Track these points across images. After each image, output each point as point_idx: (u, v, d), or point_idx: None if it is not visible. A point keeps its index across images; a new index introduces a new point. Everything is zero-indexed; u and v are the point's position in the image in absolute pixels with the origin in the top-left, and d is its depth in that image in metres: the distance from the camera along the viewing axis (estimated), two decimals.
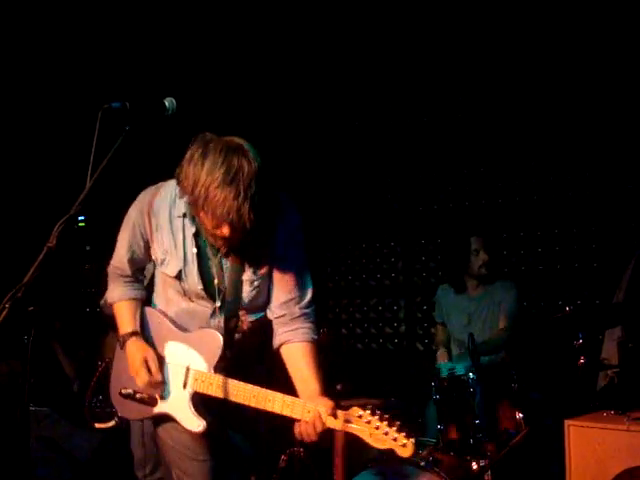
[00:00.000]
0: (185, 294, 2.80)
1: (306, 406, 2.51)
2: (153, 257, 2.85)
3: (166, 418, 2.81)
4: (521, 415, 3.87)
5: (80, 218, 2.32)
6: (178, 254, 2.75)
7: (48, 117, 6.36)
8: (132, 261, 2.91)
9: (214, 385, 2.67)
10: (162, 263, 2.80)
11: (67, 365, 5.70)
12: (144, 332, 2.89)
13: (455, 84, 5.85)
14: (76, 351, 5.83)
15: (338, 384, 4.69)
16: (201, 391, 2.70)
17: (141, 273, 2.99)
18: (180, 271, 2.75)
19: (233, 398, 2.62)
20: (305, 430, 2.50)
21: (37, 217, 5.37)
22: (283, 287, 2.76)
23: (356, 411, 2.42)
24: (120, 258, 2.92)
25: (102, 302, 5.00)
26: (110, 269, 3.01)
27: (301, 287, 2.78)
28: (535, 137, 5.51)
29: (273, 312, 2.79)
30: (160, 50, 5.91)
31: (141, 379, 2.77)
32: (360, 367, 6.06)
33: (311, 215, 6.32)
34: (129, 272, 2.93)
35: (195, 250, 2.73)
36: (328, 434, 4.20)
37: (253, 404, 2.59)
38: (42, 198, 6.33)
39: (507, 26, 5.41)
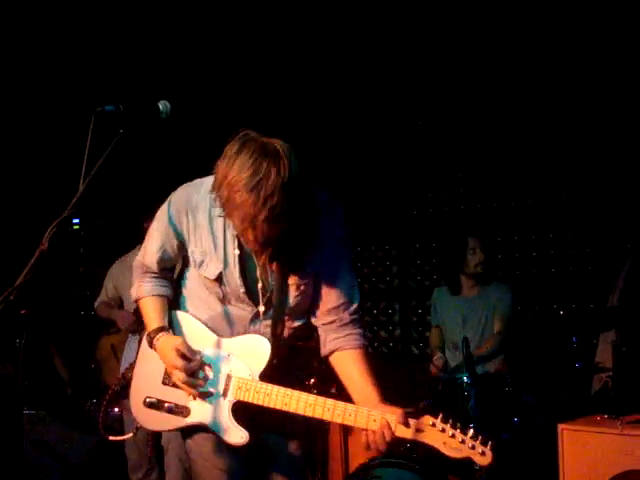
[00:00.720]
0: (224, 297, 2.62)
1: (371, 414, 2.37)
2: (191, 259, 2.65)
3: (196, 429, 2.61)
4: (515, 419, 3.87)
5: (74, 221, 2.32)
6: (218, 256, 2.57)
7: (41, 120, 6.35)
8: (162, 261, 2.71)
9: (261, 393, 2.48)
10: (200, 265, 2.60)
11: (62, 368, 5.69)
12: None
13: (450, 88, 5.86)
14: (70, 354, 5.82)
15: (332, 387, 4.69)
16: (246, 400, 2.50)
17: (170, 272, 2.80)
18: (220, 274, 2.57)
19: (285, 407, 2.45)
20: (374, 440, 2.35)
21: (31, 220, 5.36)
22: (332, 292, 2.61)
23: (428, 419, 2.30)
24: (150, 256, 2.72)
25: (96, 305, 5.02)
26: (136, 264, 2.80)
27: (350, 292, 2.63)
28: (530, 141, 5.53)
29: (320, 318, 2.63)
30: (159, 52, 5.91)
31: (179, 373, 2.51)
32: None
33: None
34: (156, 270, 2.74)
35: (237, 252, 2.55)
36: (324, 436, 4.21)
37: (309, 413, 2.42)
38: (36, 201, 6.32)
39: (500, 31, 5.42)
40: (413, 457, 3.88)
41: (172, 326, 2.68)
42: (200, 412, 2.56)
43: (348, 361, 2.58)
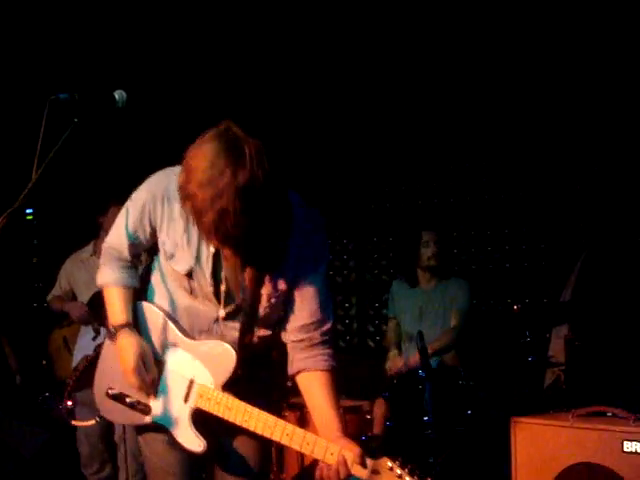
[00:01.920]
0: (192, 292, 2.49)
1: (329, 448, 2.27)
2: (161, 249, 2.51)
3: (155, 428, 2.52)
4: (469, 412, 3.92)
5: (28, 211, 2.27)
6: (191, 251, 2.43)
7: None
8: (133, 246, 2.56)
9: (221, 406, 2.39)
10: (171, 257, 2.46)
11: (11, 357, 5.60)
12: (139, 330, 2.54)
13: (411, 84, 5.88)
14: (22, 346, 5.73)
15: (289, 381, 4.68)
16: (206, 409, 2.41)
17: (138, 259, 2.66)
18: (191, 269, 2.43)
19: (244, 424, 2.36)
20: (328, 475, 2.26)
21: None
22: (304, 309, 2.47)
23: (386, 462, 2.20)
24: (120, 240, 2.56)
25: (49, 298, 4.95)
26: (105, 248, 2.64)
27: (323, 310, 2.49)
28: (486, 137, 5.58)
29: (290, 334, 2.49)
30: (117, 39, 5.82)
31: (133, 378, 2.44)
32: None
33: None
34: (127, 256, 2.59)
35: (212, 250, 2.40)
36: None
37: (267, 435, 2.33)
38: None
39: (484, 27, 5.42)
40: (368, 450, 3.91)
41: (137, 318, 2.57)
42: (160, 413, 2.48)
43: (314, 384, 2.47)
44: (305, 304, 2.47)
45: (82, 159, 5.29)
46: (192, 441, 2.42)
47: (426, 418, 3.83)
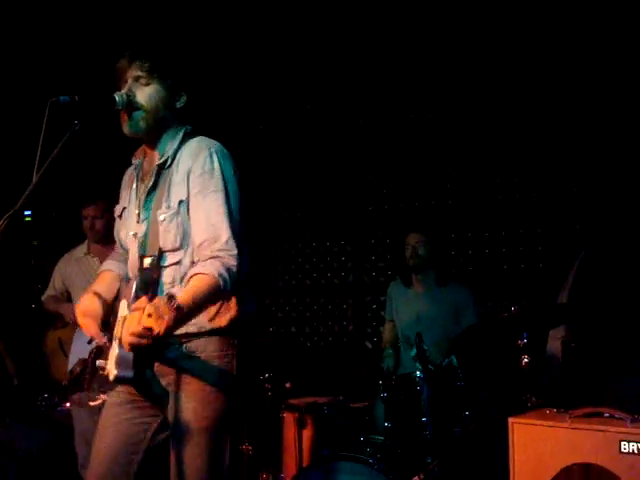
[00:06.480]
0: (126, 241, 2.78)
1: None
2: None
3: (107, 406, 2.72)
4: (467, 412, 3.93)
5: (27, 213, 2.29)
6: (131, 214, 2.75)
7: None
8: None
9: (119, 324, 2.57)
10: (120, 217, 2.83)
11: (9, 362, 5.60)
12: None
13: (404, 86, 5.90)
14: (19, 348, 5.73)
15: (287, 382, 4.70)
16: (118, 335, 2.53)
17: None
18: (124, 209, 2.79)
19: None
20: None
21: None
22: (195, 229, 2.55)
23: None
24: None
25: (43, 298, 4.95)
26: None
27: (213, 229, 2.52)
28: (481, 139, 5.59)
29: (191, 258, 2.57)
30: (117, 41, 5.82)
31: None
32: (309, 365, 6.07)
33: (262, 214, 6.36)
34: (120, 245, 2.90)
35: (135, 185, 2.76)
36: (278, 431, 4.20)
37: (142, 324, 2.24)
38: None
39: (480, 28, 5.45)
40: (366, 451, 3.93)
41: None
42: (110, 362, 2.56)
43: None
44: (196, 225, 2.55)
45: (83, 160, 5.30)
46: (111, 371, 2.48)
47: (424, 419, 3.84)
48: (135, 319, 2.20)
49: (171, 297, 2.26)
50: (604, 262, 4.59)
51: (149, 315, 2.17)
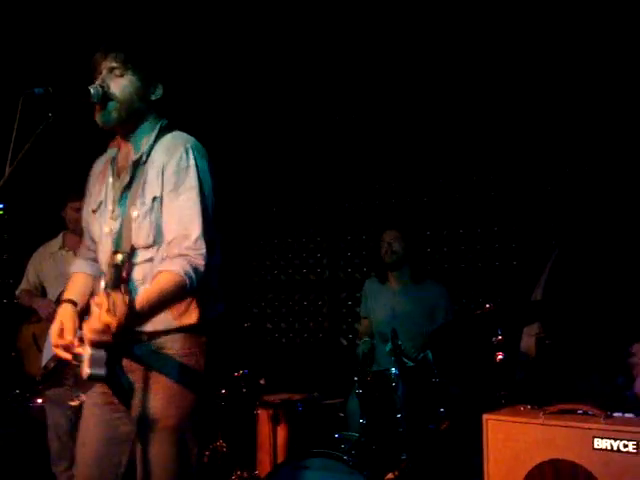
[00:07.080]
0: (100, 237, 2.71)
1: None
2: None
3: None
4: (442, 409, 3.94)
5: None
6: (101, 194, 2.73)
7: None
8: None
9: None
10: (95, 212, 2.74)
11: None
12: None
13: (382, 85, 5.90)
14: None
15: (261, 378, 4.68)
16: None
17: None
18: (100, 202, 2.71)
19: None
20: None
21: None
22: (166, 226, 2.53)
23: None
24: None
25: (17, 293, 4.89)
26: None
27: (185, 226, 2.49)
28: (457, 136, 5.62)
29: (163, 254, 2.54)
30: (92, 34, 5.76)
31: (54, 336, 2.58)
32: (284, 361, 6.07)
33: (238, 209, 6.34)
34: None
35: (111, 180, 2.70)
36: (252, 427, 4.18)
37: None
38: None
39: (465, 23, 5.44)
40: (341, 447, 3.93)
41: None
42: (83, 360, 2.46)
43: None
44: (167, 222, 2.53)
45: (55, 153, 5.24)
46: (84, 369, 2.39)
47: (399, 415, 3.85)
48: (95, 316, 2.19)
49: (128, 293, 2.26)
50: (578, 260, 4.63)
51: (107, 311, 2.16)
